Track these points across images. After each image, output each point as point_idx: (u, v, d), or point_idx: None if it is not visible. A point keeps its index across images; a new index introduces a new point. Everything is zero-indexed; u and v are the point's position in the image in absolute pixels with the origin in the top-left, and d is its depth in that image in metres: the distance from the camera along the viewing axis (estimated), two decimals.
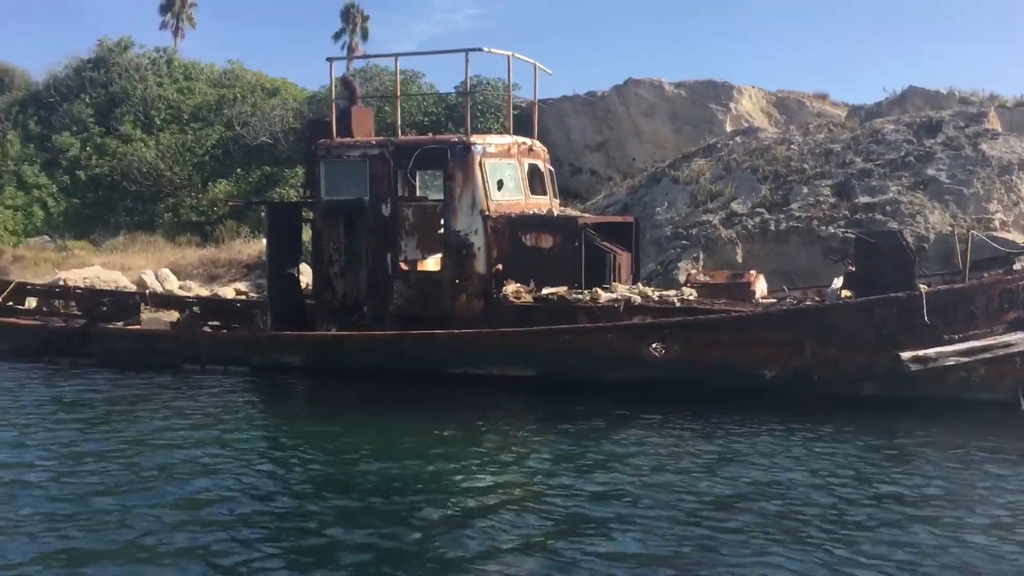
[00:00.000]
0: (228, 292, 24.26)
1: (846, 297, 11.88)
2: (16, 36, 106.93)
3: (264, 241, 28.46)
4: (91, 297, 17.68)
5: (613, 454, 9.13)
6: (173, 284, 25.46)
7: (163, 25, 49.78)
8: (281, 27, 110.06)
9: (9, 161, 34.82)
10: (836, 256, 15.62)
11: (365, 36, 50.13)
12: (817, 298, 12.70)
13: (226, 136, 35.02)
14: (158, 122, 36.01)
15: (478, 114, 32.20)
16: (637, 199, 23.21)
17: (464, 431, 10.29)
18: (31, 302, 18.02)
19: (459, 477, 8.42)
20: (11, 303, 17.35)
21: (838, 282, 12.46)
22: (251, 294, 24.00)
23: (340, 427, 10.69)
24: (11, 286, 17.81)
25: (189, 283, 25.88)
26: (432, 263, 14.61)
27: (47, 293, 18.46)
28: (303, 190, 30.48)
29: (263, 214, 29.99)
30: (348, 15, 49.48)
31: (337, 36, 50.47)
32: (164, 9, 49.65)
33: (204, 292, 23.97)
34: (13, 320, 16.30)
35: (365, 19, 49.85)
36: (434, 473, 8.47)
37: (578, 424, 10.42)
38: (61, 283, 21.39)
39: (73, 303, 17.82)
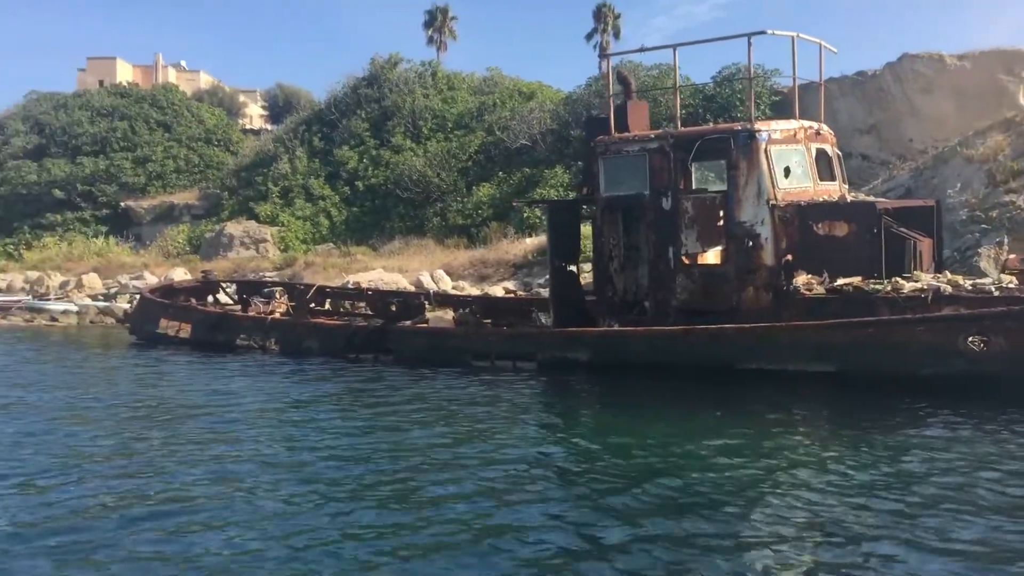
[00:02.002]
0: (497, 291, 25.13)
1: None
2: (302, 62, 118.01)
3: (529, 240, 29.49)
4: (381, 298, 18.95)
5: (916, 455, 8.46)
6: (447, 284, 26.71)
7: (429, 40, 52.64)
8: (534, 33, 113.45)
9: (298, 176, 38.13)
10: None
11: (617, 34, 50.29)
12: None
13: (487, 141, 36.32)
14: (425, 132, 38.00)
15: (737, 103, 31.29)
16: (922, 182, 21.60)
17: (759, 427, 9.90)
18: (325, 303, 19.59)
19: (748, 475, 8.09)
20: (313, 304, 18.94)
21: None
22: (519, 292, 24.74)
23: (629, 420, 10.71)
24: (314, 288, 19.45)
25: (462, 283, 27.06)
26: (712, 256, 14.27)
27: (343, 295, 20.00)
28: (564, 189, 31.15)
29: (526, 213, 31.19)
30: (600, 14, 49.81)
31: (589, 36, 51.02)
32: (428, 25, 52.49)
33: (475, 291, 24.94)
34: (322, 320, 17.75)
35: (616, 17, 49.99)
36: (721, 473, 8.19)
37: (888, 424, 9.73)
38: (351, 285, 23.10)
39: (363, 303, 19.21)
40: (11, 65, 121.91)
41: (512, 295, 23.78)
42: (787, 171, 13.04)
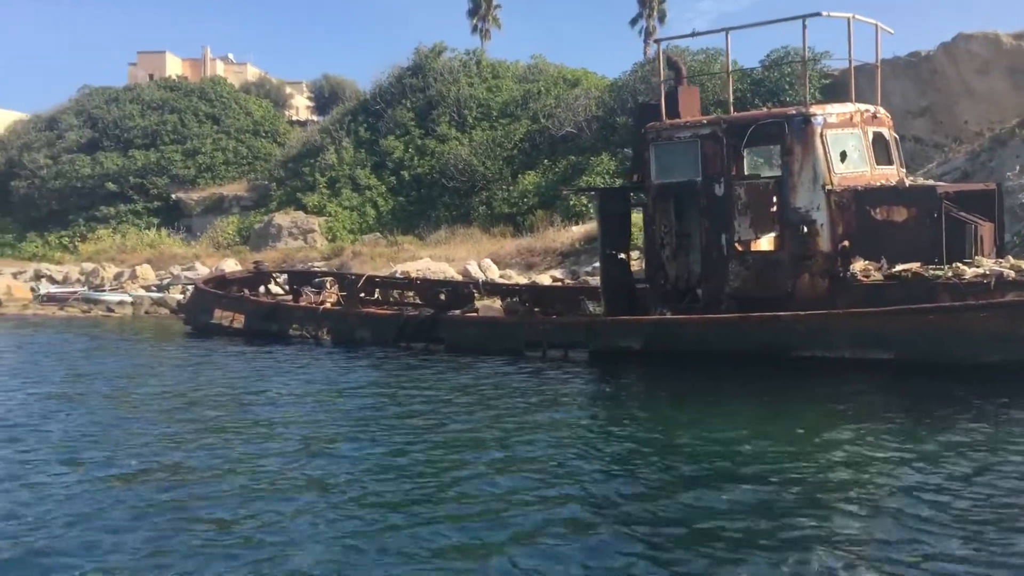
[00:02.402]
0: (544, 279, 25.11)
1: None
2: (347, 53, 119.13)
3: (576, 228, 29.39)
4: (430, 287, 19.03)
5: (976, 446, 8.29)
6: (494, 273, 26.73)
7: (473, 29, 52.56)
8: (578, 19, 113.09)
9: (345, 166, 38.40)
10: None
11: (662, 19, 49.68)
12: None
13: (532, 129, 36.19)
14: (470, 120, 37.99)
15: (787, 87, 30.84)
16: (979, 164, 21.12)
17: (814, 420, 9.78)
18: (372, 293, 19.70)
19: (809, 467, 7.98)
20: (362, 294, 19.07)
21: None
22: (567, 280, 24.69)
23: (679, 408, 10.67)
24: (363, 278, 19.59)
25: (508, 272, 27.08)
26: (765, 243, 14.11)
27: (393, 284, 20.12)
28: (610, 177, 30.95)
29: (572, 201, 31.08)
30: None
31: (634, 21, 50.48)
32: (472, 13, 52.39)
33: (522, 280, 24.94)
34: (373, 309, 17.87)
35: (662, 1, 49.40)
36: (783, 464, 8.05)
37: (948, 413, 9.54)
38: (399, 275, 23.24)
39: (412, 293, 19.31)
40: (64, 61, 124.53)
41: (560, 283, 23.75)
42: (843, 155, 12.84)
